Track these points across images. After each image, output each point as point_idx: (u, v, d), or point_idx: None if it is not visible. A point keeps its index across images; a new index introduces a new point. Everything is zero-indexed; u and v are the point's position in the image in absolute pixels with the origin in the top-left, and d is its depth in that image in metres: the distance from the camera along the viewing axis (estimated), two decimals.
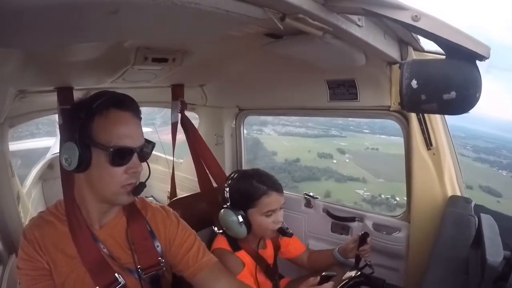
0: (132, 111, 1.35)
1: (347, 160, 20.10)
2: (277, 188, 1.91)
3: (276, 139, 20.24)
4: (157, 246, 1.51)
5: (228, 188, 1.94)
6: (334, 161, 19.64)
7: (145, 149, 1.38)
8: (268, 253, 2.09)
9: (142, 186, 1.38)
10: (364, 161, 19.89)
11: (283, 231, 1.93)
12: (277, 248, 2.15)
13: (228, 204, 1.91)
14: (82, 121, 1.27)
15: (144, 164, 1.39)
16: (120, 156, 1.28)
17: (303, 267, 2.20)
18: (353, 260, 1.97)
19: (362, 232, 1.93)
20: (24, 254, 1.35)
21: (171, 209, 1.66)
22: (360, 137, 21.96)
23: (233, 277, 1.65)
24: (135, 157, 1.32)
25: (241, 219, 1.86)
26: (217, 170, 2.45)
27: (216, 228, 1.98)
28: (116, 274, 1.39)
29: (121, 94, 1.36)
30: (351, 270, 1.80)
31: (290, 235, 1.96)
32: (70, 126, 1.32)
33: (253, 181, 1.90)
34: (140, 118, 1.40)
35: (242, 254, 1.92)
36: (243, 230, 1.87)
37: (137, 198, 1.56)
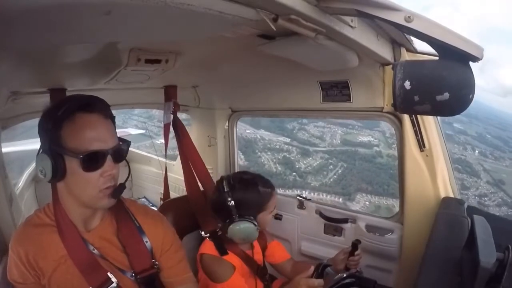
0: (100, 112, 1.29)
1: None
2: (274, 186, 2.03)
3: None
4: (146, 242, 1.48)
5: (230, 198, 1.90)
6: None
7: (120, 149, 1.34)
8: (256, 254, 2.09)
9: (121, 187, 1.35)
10: None
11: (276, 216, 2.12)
12: (264, 249, 2.16)
13: (236, 215, 1.88)
14: (51, 131, 1.24)
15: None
16: (92, 161, 1.25)
17: (286, 276, 2.18)
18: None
19: (354, 240, 1.91)
20: (13, 266, 1.36)
21: (165, 218, 1.64)
22: None
23: None
24: (109, 160, 1.28)
25: (257, 225, 1.90)
26: (203, 174, 2.45)
27: (203, 232, 1.98)
28: (108, 274, 1.38)
29: (87, 96, 1.31)
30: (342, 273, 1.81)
31: (280, 217, 2.20)
32: (41, 137, 1.29)
33: (259, 188, 1.94)
34: (112, 118, 1.36)
35: (231, 257, 1.92)
36: (257, 233, 1.92)
37: (128, 201, 1.56)
